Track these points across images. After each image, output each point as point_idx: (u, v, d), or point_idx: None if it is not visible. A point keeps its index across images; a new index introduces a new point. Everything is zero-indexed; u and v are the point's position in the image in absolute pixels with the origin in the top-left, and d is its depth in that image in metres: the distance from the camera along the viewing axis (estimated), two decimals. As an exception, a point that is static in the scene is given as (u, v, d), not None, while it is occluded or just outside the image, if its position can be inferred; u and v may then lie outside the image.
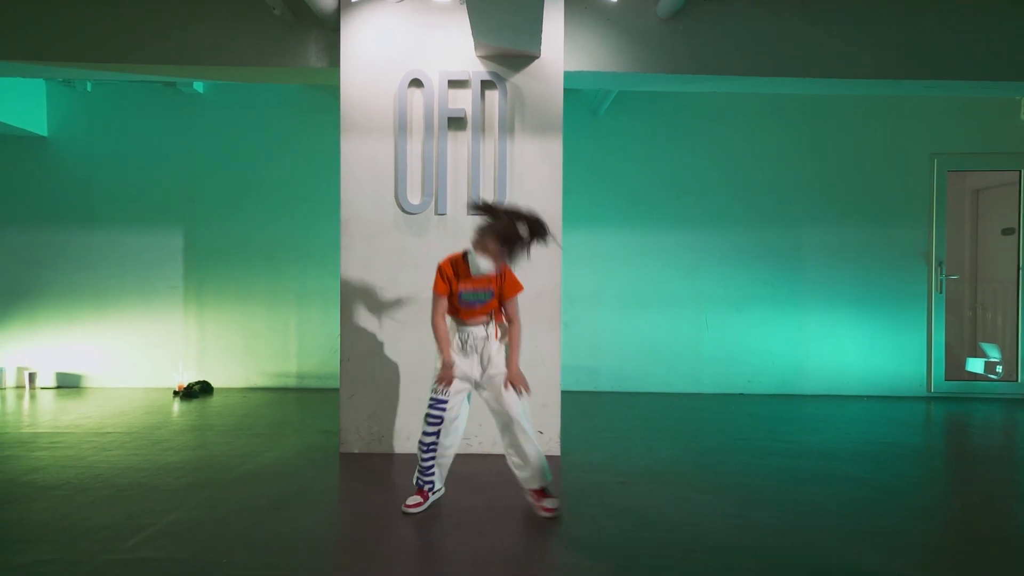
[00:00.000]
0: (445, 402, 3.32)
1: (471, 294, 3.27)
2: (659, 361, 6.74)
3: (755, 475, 4.04)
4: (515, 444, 3.32)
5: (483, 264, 3.19)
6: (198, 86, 6.62)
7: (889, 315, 6.70)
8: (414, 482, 3.45)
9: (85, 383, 6.77)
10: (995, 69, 4.83)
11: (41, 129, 6.63)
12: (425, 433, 3.35)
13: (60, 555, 2.80)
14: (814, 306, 6.72)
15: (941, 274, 6.69)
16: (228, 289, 6.75)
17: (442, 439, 3.36)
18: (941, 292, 6.70)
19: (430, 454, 3.38)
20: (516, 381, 3.28)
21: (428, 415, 3.34)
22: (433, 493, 3.45)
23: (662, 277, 6.74)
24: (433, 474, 3.43)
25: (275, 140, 6.73)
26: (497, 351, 3.35)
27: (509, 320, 3.36)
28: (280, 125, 6.74)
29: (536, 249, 3.18)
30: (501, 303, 3.33)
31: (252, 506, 3.42)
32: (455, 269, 3.27)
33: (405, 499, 3.47)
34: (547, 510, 3.29)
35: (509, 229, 3.07)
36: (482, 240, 3.17)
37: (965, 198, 7.83)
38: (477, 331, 3.32)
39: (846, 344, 6.71)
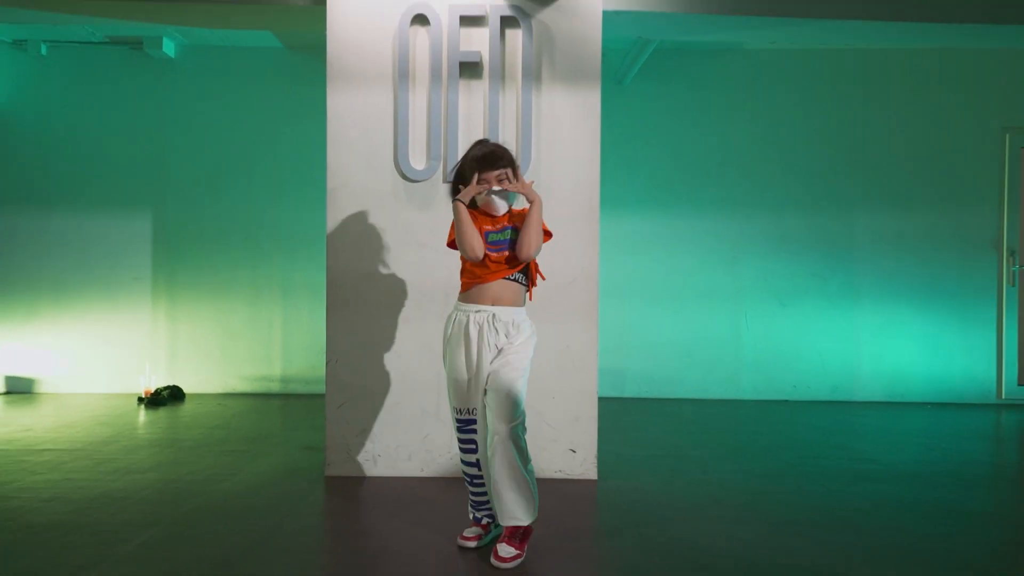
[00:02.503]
0: (474, 422, 2.63)
1: (498, 233, 2.63)
2: (692, 364, 6.11)
3: (856, 509, 3.24)
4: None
5: (496, 202, 2.64)
6: (168, 49, 5.83)
7: (955, 311, 6.05)
8: (470, 516, 2.79)
9: (38, 388, 6.02)
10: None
11: (-11, 98, 6.00)
12: (464, 464, 2.70)
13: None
14: (870, 301, 6.07)
15: (1014, 265, 6.11)
16: (203, 281, 6.05)
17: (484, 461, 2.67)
18: (1014, 285, 6.11)
19: (477, 487, 2.71)
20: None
21: (459, 441, 2.68)
22: (495, 525, 2.76)
23: (696, 269, 6.10)
24: (488, 507, 2.73)
25: (259, 112, 6.07)
26: (520, 343, 2.59)
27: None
28: (264, 95, 6.08)
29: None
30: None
31: (203, 556, 2.58)
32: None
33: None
34: (501, 559, 2.49)
35: (481, 148, 2.72)
36: (477, 172, 2.63)
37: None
38: (496, 312, 2.57)
39: (906, 344, 6.06)
